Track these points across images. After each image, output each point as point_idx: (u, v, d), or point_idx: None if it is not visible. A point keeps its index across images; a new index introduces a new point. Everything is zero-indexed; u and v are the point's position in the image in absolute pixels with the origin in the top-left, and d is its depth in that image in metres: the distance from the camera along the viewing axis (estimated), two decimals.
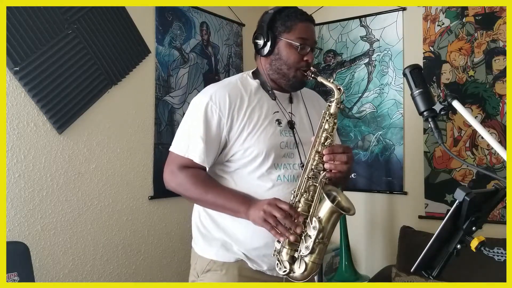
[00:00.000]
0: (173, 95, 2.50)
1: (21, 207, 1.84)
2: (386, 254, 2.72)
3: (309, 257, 1.22)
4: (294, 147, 1.39)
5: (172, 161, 1.37)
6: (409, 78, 1.11)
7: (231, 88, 1.38)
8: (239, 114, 1.34)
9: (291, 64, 1.38)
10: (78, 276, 2.05)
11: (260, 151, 1.33)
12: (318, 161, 1.29)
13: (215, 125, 1.33)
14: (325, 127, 1.30)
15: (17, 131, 1.83)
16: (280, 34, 1.39)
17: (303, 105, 1.50)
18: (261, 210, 1.22)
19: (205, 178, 1.36)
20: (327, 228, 1.24)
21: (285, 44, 1.38)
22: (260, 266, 1.35)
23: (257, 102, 1.39)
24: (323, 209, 1.24)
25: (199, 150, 1.32)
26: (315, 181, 1.28)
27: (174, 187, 1.37)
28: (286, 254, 1.24)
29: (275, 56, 1.40)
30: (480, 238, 0.95)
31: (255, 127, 1.34)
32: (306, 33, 1.39)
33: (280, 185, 1.34)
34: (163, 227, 2.45)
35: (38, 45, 1.88)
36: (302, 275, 1.23)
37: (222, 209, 1.34)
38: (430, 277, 0.99)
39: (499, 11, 2.38)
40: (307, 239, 1.22)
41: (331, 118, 1.31)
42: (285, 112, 1.42)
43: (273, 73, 1.41)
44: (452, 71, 2.50)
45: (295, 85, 1.43)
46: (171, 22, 2.50)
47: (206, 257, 1.38)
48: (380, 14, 2.75)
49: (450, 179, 2.49)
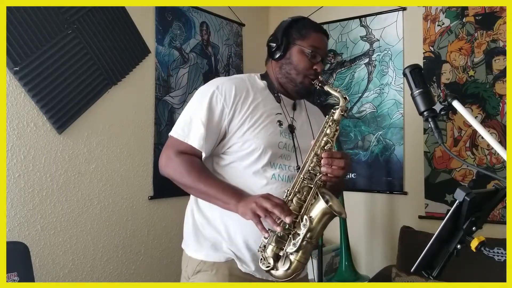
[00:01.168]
0: (173, 95, 2.50)
1: (21, 207, 1.84)
2: (386, 254, 2.72)
3: (294, 255, 1.22)
4: (292, 150, 1.40)
5: (171, 146, 1.37)
6: (409, 78, 1.11)
7: (238, 82, 1.41)
8: (242, 106, 1.36)
9: (300, 69, 1.40)
10: (78, 276, 2.05)
11: (257, 146, 1.34)
12: (315, 163, 1.29)
13: (218, 113, 1.34)
14: (327, 132, 1.32)
15: (17, 131, 1.83)
16: (294, 40, 1.42)
17: (305, 114, 1.52)
18: (252, 202, 1.22)
19: (200, 166, 1.35)
20: (317, 228, 1.23)
21: (297, 50, 1.41)
22: (248, 267, 1.35)
23: (261, 100, 1.40)
24: (316, 209, 1.24)
25: (199, 136, 1.32)
26: (310, 182, 1.28)
27: (168, 173, 1.36)
28: (271, 251, 1.24)
29: (286, 61, 1.43)
30: (480, 238, 0.95)
31: (256, 122, 1.36)
32: (318, 43, 1.42)
33: (274, 184, 1.35)
34: (163, 227, 2.45)
35: (38, 45, 1.88)
36: (285, 272, 1.22)
37: (213, 199, 1.33)
38: (430, 277, 0.99)
39: (499, 11, 2.38)
40: (295, 236, 1.22)
41: (333, 124, 1.33)
42: (288, 116, 1.44)
43: (281, 77, 1.44)
44: (452, 71, 2.50)
45: (301, 92, 1.45)
46: (171, 22, 2.50)
47: (196, 258, 1.38)
48: (380, 14, 2.75)
49: (450, 179, 2.49)
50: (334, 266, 2.71)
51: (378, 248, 2.76)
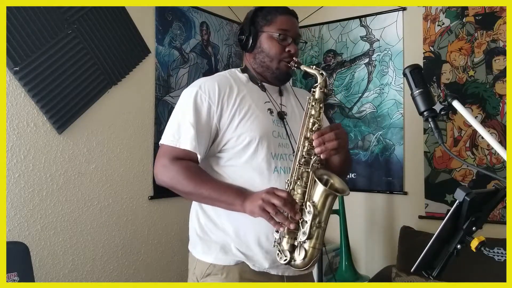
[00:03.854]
0: (173, 95, 2.50)
1: (21, 207, 1.84)
2: (386, 254, 2.72)
3: (308, 243, 1.21)
4: (287, 137, 1.39)
5: (163, 154, 1.34)
6: (409, 78, 1.10)
7: (220, 78, 1.40)
8: (229, 101, 1.34)
9: (273, 55, 1.40)
10: (78, 276, 2.05)
11: (252, 137, 1.32)
12: (308, 147, 1.28)
13: (205, 112, 1.32)
14: (311, 113, 1.30)
15: (17, 131, 1.83)
16: (261, 27, 1.42)
17: (294, 98, 1.51)
18: (259, 199, 1.20)
19: (198, 170, 1.32)
20: (323, 212, 1.23)
21: (266, 37, 1.41)
22: (261, 265, 1.32)
23: (247, 91, 1.39)
24: (317, 193, 1.23)
25: (190, 137, 1.30)
26: (307, 167, 1.27)
27: (166, 181, 1.33)
28: (286, 243, 1.23)
29: (258, 50, 1.42)
30: (480, 238, 0.95)
31: (246, 113, 1.34)
32: (286, 25, 1.41)
33: (277, 178, 1.33)
34: (163, 227, 2.45)
35: (38, 45, 1.88)
36: (303, 262, 1.22)
37: (217, 202, 1.31)
38: (430, 277, 0.99)
39: (499, 11, 2.38)
40: (303, 224, 1.21)
41: (316, 103, 1.30)
42: (276, 103, 1.43)
43: (258, 66, 1.44)
44: (452, 71, 2.50)
45: (280, 77, 1.44)
46: (171, 22, 2.50)
47: (205, 261, 1.36)
48: (380, 14, 2.75)
49: (450, 179, 2.49)
50: (334, 266, 2.71)
51: (378, 248, 2.76)
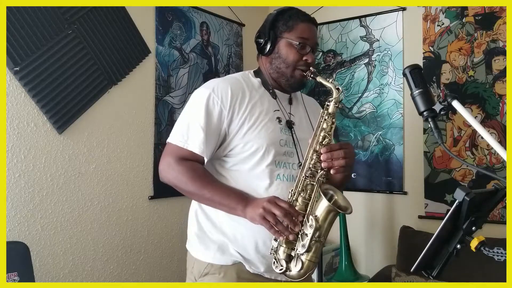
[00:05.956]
0: (173, 95, 2.50)
1: (21, 207, 1.84)
2: (386, 254, 2.72)
3: (305, 256, 1.22)
4: (293, 146, 1.39)
5: (170, 152, 1.34)
6: (409, 78, 1.10)
7: (233, 82, 1.39)
8: (240, 107, 1.34)
9: (289, 62, 1.38)
10: (78, 276, 2.05)
11: (260, 145, 1.32)
12: (316, 160, 1.28)
13: (216, 116, 1.32)
14: (323, 127, 1.30)
15: (17, 131, 1.83)
16: (281, 33, 1.40)
17: (303, 108, 1.50)
18: (260, 208, 1.21)
19: (203, 172, 1.33)
20: (324, 226, 1.24)
21: (285, 43, 1.39)
22: (257, 268, 1.34)
23: (258, 98, 1.39)
24: (320, 208, 1.24)
25: (198, 140, 1.30)
26: (312, 180, 1.27)
27: (170, 180, 1.34)
28: (283, 253, 1.24)
29: (275, 55, 1.41)
30: (480, 238, 0.95)
31: (256, 121, 1.34)
32: (306, 33, 1.39)
33: (279, 185, 1.34)
34: (163, 227, 2.45)
35: (38, 45, 1.88)
36: (298, 273, 1.23)
37: (219, 205, 1.32)
38: (430, 277, 0.99)
39: (499, 11, 2.38)
40: (303, 237, 1.22)
41: (329, 117, 1.30)
42: (285, 111, 1.42)
43: (273, 72, 1.42)
44: (452, 71, 2.50)
45: (294, 85, 1.43)
46: (171, 22, 2.50)
47: (203, 260, 1.37)
48: (380, 14, 2.75)
49: (450, 179, 2.49)
50: (334, 266, 2.71)
51: (378, 248, 2.76)
